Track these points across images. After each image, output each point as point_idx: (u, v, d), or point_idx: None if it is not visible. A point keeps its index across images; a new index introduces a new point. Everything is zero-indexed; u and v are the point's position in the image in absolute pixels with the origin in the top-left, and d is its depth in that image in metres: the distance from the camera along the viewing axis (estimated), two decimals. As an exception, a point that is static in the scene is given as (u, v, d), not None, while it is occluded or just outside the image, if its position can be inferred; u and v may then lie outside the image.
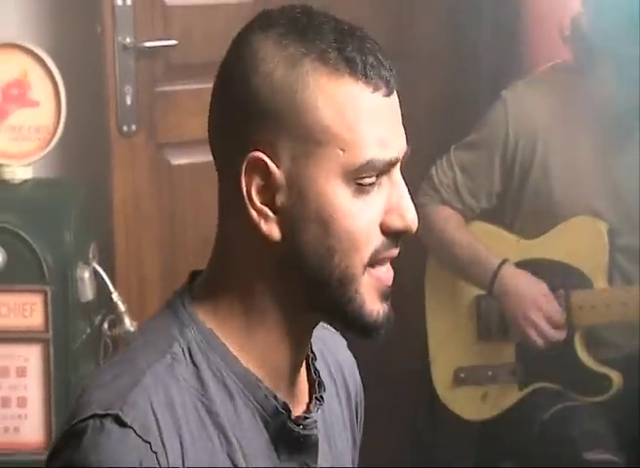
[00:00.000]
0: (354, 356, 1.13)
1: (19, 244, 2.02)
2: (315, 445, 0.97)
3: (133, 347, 0.98)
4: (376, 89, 0.91)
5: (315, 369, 1.02)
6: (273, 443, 0.95)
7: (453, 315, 2.07)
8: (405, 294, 2.26)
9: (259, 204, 0.92)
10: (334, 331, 1.12)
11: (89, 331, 2.13)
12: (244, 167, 0.92)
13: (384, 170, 0.92)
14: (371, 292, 0.94)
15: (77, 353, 2.07)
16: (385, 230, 0.93)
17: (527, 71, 2.26)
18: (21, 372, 2.04)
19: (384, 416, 2.35)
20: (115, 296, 2.10)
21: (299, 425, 0.95)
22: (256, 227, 0.92)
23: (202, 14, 2.22)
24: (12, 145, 2.14)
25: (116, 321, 2.11)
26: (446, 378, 2.06)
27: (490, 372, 2.02)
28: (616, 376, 1.93)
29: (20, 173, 2.15)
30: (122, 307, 2.11)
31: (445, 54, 2.46)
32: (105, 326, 2.13)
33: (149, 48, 2.18)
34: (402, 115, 0.95)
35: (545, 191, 1.98)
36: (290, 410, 0.95)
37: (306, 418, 0.96)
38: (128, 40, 2.14)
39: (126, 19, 2.14)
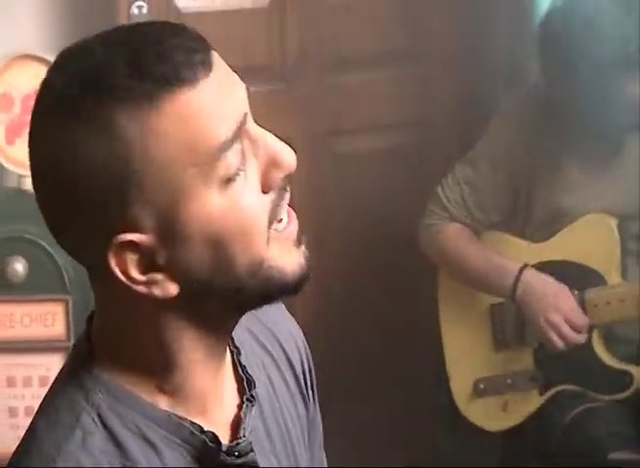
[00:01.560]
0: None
1: (40, 254, 2.02)
2: (254, 465, 0.91)
3: (36, 433, 0.87)
4: (195, 82, 0.81)
5: (241, 364, 0.95)
6: None
7: (467, 327, 2.05)
8: (418, 310, 2.27)
9: (142, 278, 0.84)
10: None
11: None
12: (112, 257, 0.83)
13: (238, 136, 0.83)
14: (284, 252, 0.87)
15: (99, 361, 2.05)
16: (269, 186, 0.86)
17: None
18: (44, 382, 2.04)
19: (404, 428, 2.34)
20: (135, 305, 2.07)
21: (232, 454, 0.89)
22: (148, 297, 0.84)
23: (216, 20, 2.21)
24: (31, 156, 2.11)
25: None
26: (465, 391, 2.04)
27: (509, 381, 2.00)
28: (636, 372, 1.90)
29: (40, 183, 2.12)
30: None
31: (460, 55, 2.43)
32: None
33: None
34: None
35: (553, 200, 1.97)
36: (219, 442, 0.88)
37: (238, 444, 0.90)
38: (144, 49, 2.10)
39: (142, 27, 2.10)
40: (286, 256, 0.87)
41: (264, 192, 0.86)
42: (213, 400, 0.91)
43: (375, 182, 2.41)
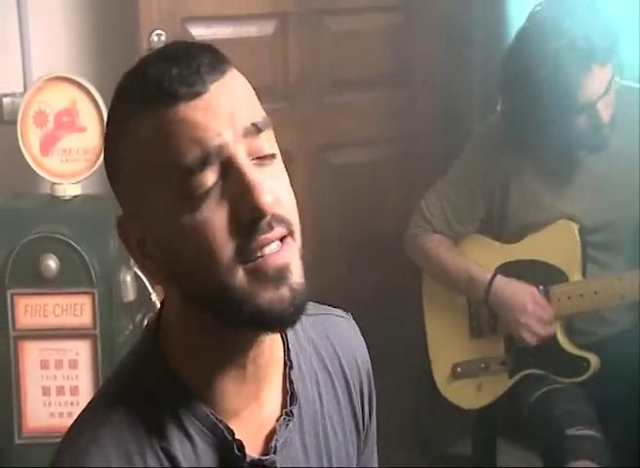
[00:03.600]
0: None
1: (70, 252, 2.03)
2: None
3: (99, 394, 0.91)
4: (175, 101, 0.81)
5: (290, 379, 0.93)
6: None
7: (447, 317, 2.08)
8: (405, 303, 2.30)
9: (141, 258, 0.87)
10: (339, 314, 1.05)
11: (131, 327, 2.15)
12: (120, 231, 0.88)
13: (215, 162, 0.80)
14: (252, 285, 0.81)
15: (121, 347, 2.08)
16: (239, 224, 0.81)
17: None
18: (73, 365, 2.06)
19: (391, 403, 2.38)
20: (154, 297, 2.11)
21: (254, 466, 0.88)
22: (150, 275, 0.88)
23: (226, 46, 2.17)
24: (63, 166, 2.16)
25: (155, 318, 2.13)
26: (445, 374, 2.07)
27: (483, 365, 2.03)
28: (593, 359, 1.94)
29: (71, 190, 2.17)
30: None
31: (442, 78, 2.47)
32: (145, 323, 2.14)
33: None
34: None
35: (525, 209, 2.00)
36: (244, 453, 0.87)
37: (261, 460, 0.88)
38: (163, 72, 2.15)
39: (161, 53, 2.16)
40: (256, 289, 0.81)
41: (236, 226, 0.81)
42: (246, 405, 0.89)
43: (367, 190, 2.43)
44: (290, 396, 0.92)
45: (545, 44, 1.83)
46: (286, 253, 0.83)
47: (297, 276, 0.83)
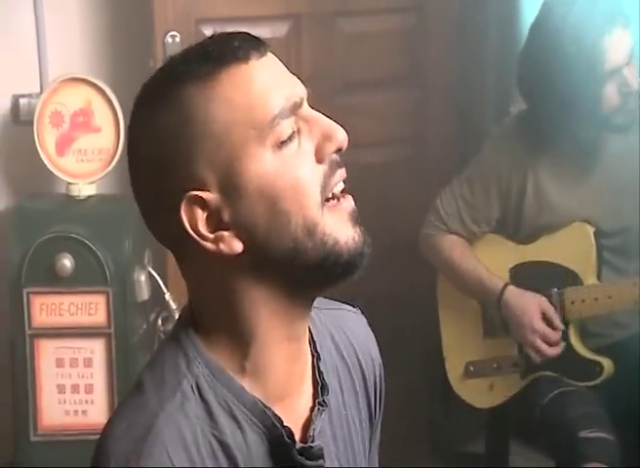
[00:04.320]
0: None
1: (84, 251, 2.04)
2: None
3: (144, 386, 0.89)
4: (247, 58, 0.88)
5: (319, 370, 0.95)
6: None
7: (462, 317, 2.07)
8: (421, 303, 2.29)
9: (210, 235, 0.87)
10: (350, 309, 1.07)
11: (145, 326, 2.16)
12: (183, 214, 0.87)
13: (293, 113, 0.88)
14: (338, 224, 0.87)
15: (135, 346, 2.09)
16: (324, 158, 0.88)
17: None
18: (88, 363, 2.06)
19: (403, 402, 2.38)
20: (167, 296, 2.12)
21: (303, 454, 0.89)
22: (217, 253, 0.86)
23: None
24: (78, 166, 2.17)
25: (168, 318, 2.13)
26: (458, 372, 2.06)
27: (495, 365, 2.02)
28: (606, 363, 1.92)
29: (86, 190, 2.18)
30: (173, 306, 2.12)
31: (454, 80, 2.45)
32: (159, 322, 2.14)
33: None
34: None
35: (540, 211, 1.99)
36: (294, 440, 0.89)
37: (311, 447, 0.90)
38: (177, 73, 2.16)
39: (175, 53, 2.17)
40: (340, 228, 0.87)
41: (318, 162, 0.88)
42: (291, 388, 0.91)
43: (379, 191, 2.41)
44: (321, 387, 0.94)
45: (567, 12, 1.82)
46: (351, 200, 0.90)
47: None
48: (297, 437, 0.90)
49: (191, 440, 0.85)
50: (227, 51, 0.87)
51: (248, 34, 0.90)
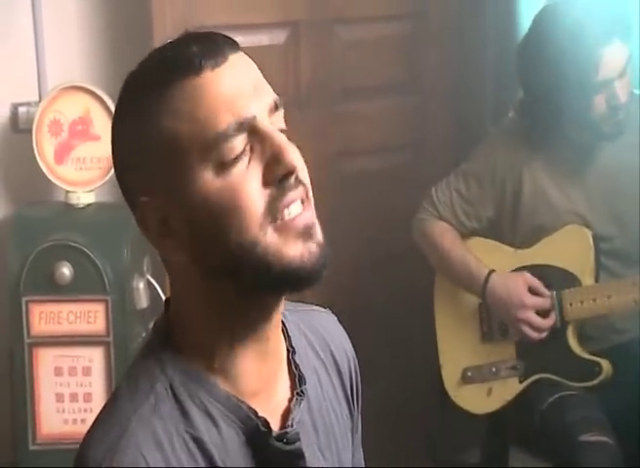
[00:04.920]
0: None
1: (83, 259, 2.04)
2: (299, 456, 0.92)
3: (119, 394, 0.91)
4: (200, 70, 0.85)
5: (295, 363, 0.96)
6: (258, 461, 0.90)
7: (458, 321, 2.07)
8: (418, 308, 2.28)
9: (160, 240, 0.89)
10: (320, 309, 1.08)
11: (144, 334, 2.15)
12: (137, 216, 0.90)
13: (246, 130, 0.85)
14: (284, 242, 0.86)
15: (134, 353, 2.08)
16: (272, 182, 0.86)
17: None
18: (87, 372, 2.06)
19: (400, 412, 2.38)
20: (167, 304, 2.12)
21: (281, 440, 0.90)
22: (173, 264, 0.89)
23: None
24: (77, 174, 2.17)
25: (168, 325, 2.13)
26: (455, 378, 2.05)
27: (493, 369, 2.02)
28: (605, 363, 1.92)
29: (84, 198, 2.17)
30: (173, 313, 2.12)
31: (453, 86, 2.46)
32: (152, 324, 2.14)
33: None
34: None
35: (536, 210, 1.99)
36: (270, 428, 0.90)
37: (286, 432, 0.91)
38: (175, 81, 2.16)
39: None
40: (285, 245, 0.86)
41: (266, 185, 0.85)
42: (262, 385, 0.92)
43: (378, 197, 2.43)
44: (298, 378, 0.96)
45: (565, 18, 1.83)
46: (309, 214, 0.88)
47: (319, 235, 0.88)
48: (275, 427, 0.91)
49: (166, 439, 0.86)
50: (182, 60, 0.85)
51: (214, 35, 0.88)
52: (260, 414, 0.90)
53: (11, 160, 2.27)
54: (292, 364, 0.96)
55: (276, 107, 0.88)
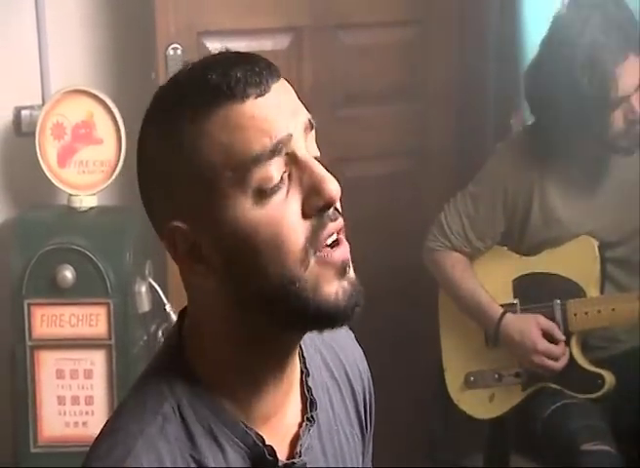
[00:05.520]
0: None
1: (85, 263, 2.04)
2: None
3: (127, 409, 0.89)
4: (245, 98, 0.82)
5: (308, 386, 0.94)
6: None
7: (463, 327, 2.06)
8: (421, 316, 2.29)
9: (189, 265, 0.85)
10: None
11: (146, 337, 2.15)
12: (165, 238, 0.86)
13: (283, 153, 0.83)
14: (322, 279, 0.83)
15: (136, 357, 2.08)
16: (312, 213, 0.83)
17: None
18: (88, 375, 2.06)
19: (403, 416, 2.37)
20: (168, 307, 2.11)
21: None
22: (201, 288, 0.86)
23: None
24: (80, 178, 2.17)
25: (169, 329, 2.13)
26: (458, 382, 2.05)
27: (496, 375, 2.01)
28: (607, 375, 1.91)
29: (87, 201, 2.17)
30: (174, 317, 2.10)
31: (455, 93, 2.46)
32: (160, 333, 2.14)
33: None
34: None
35: (546, 225, 1.99)
36: (277, 458, 0.88)
37: (293, 463, 0.89)
38: (179, 85, 2.16)
39: (176, 66, 2.16)
40: (322, 281, 0.83)
41: (305, 216, 0.83)
42: (276, 414, 0.90)
43: (379, 203, 2.42)
44: (309, 402, 0.93)
45: (578, 40, 1.83)
46: (346, 248, 0.85)
47: (352, 272, 0.86)
48: (284, 453, 0.90)
49: (170, 463, 0.84)
50: (225, 84, 0.82)
51: (257, 60, 0.85)
52: (267, 442, 0.88)
53: (14, 163, 2.27)
54: (304, 386, 0.94)
55: (311, 126, 0.86)
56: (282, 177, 0.83)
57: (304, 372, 0.94)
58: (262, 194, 0.82)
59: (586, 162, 1.95)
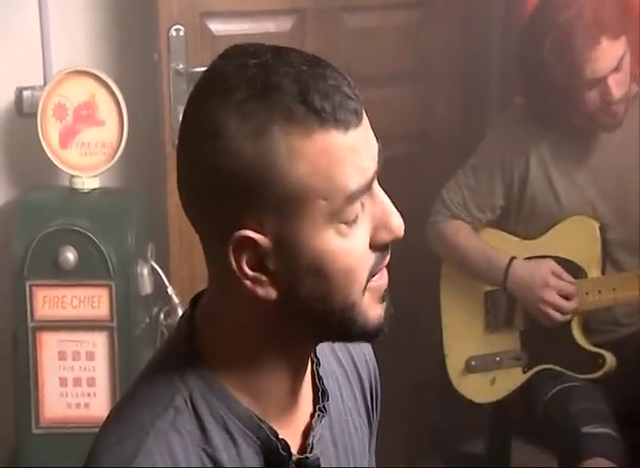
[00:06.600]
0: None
1: (88, 244, 2.04)
2: None
3: (137, 398, 0.87)
4: (347, 127, 0.82)
5: (319, 375, 0.95)
6: None
7: (464, 311, 2.07)
8: (422, 296, 2.30)
9: (251, 273, 0.83)
10: None
11: (148, 320, 2.16)
12: (231, 247, 0.82)
13: (368, 190, 0.84)
14: (371, 303, 0.87)
15: (138, 339, 2.09)
16: (376, 246, 0.86)
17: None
18: (90, 356, 2.06)
19: (404, 401, 2.38)
20: (170, 290, 2.12)
21: (300, 464, 0.89)
22: (251, 293, 0.84)
23: (244, 42, 2.22)
24: (82, 159, 2.17)
25: (171, 312, 2.13)
26: (459, 367, 2.06)
27: (497, 359, 2.02)
28: (608, 356, 1.92)
29: (89, 183, 2.17)
30: (176, 300, 2.12)
31: (460, 76, 2.45)
32: (162, 316, 2.14)
33: (200, 72, 2.19)
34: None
35: (543, 194, 1.99)
36: (290, 452, 0.88)
37: (307, 458, 0.89)
38: (181, 66, 2.16)
39: (179, 47, 2.16)
40: (371, 308, 0.87)
41: (372, 248, 0.85)
42: (289, 406, 0.90)
43: (383, 186, 2.44)
44: (321, 392, 0.94)
45: (555, 15, 1.84)
46: (386, 276, 0.89)
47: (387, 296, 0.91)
48: (296, 444, 0.90)
49: (182, 458, 0.84)
50: (329, 109, 0.80)
51: (349, 86, 0.84)
52: (280, 436, 0.88)
53: (15, 144, 2.26)
54: (315, 376, 0.95)
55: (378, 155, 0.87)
56: (359, 212, 0.85)
57: (315, 362, 0.95)
58: (346, 225, 0.84)
59: (575, 132, 1.96)
